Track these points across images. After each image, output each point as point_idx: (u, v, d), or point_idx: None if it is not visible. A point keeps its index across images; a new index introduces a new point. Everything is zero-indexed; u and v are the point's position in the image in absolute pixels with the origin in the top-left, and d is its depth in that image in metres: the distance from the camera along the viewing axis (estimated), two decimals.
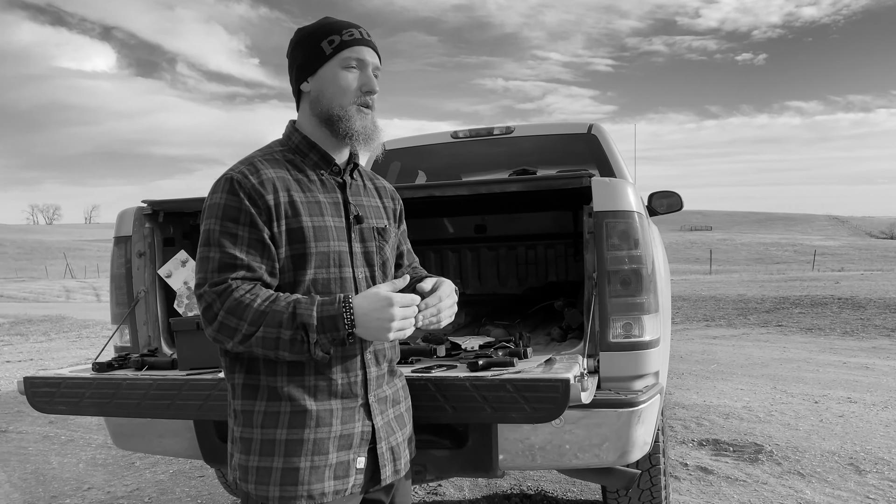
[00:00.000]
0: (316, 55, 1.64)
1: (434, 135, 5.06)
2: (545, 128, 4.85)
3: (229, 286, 1.50)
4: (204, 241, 1.55)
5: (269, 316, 1.47)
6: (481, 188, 2.60)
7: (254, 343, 1.48)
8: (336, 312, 1.49)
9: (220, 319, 1.49)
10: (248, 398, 1.59)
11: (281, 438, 1.56)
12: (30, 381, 2.34)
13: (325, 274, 1.61)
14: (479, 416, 1.98)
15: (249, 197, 1.54)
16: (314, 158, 1.68)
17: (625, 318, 2.43)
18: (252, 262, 1.53)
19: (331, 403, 1.60)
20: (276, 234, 1.56)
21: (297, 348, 1.48)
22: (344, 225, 1.67)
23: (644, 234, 2.47)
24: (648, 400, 2.36)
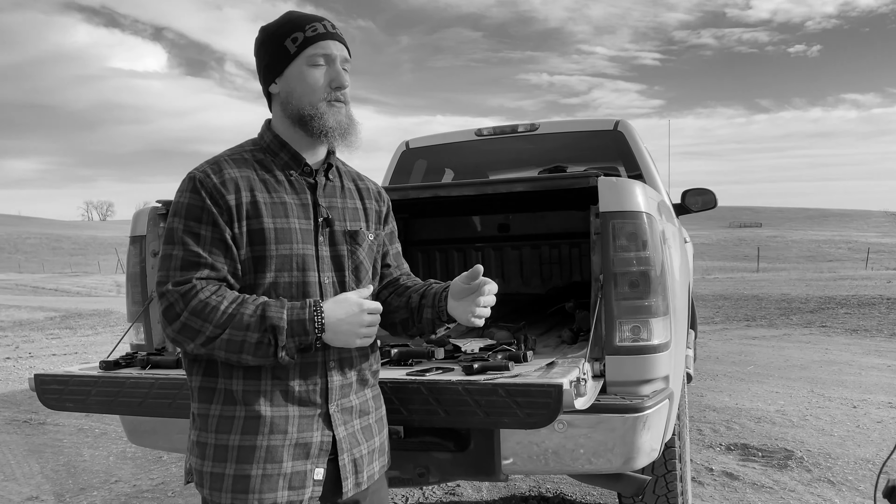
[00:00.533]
0: (281, 55, 1.61)
1: (459, 132, 5.03)
2: (571, 124, 4.78)
3: (194, 286, 1.47)
4: (167, 240, 1.53)
5: (237, 318, 1.45)
6: (487, 188, 2.56)
7: (217, 346, 1.46)
8: (306, 316, 1.48)
9: (182, 320, 1.46)
10: (205, 401, 1.57)
11: (234, 444, 1.53)
12: (40, 379, 2.39)
13: (286, 277, 1.57)
14: (471, 421, 1.95)
15: (211, 196, 1.52)
16: (284, 158, 1.65)
17: (632, 322, 2.37)
18: (216, 262, 1.51)
19: (287, 409, 1.56)
20: (237, 234, 1.54)
21: (263, 352, 1.46)
22: (311, 227, 1.62)
23: (653, 236, 2.40)
24: (655, 405, 2.30)
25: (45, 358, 9.30)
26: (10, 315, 16.13)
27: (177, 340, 1.50)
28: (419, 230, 4.78)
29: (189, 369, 1.61)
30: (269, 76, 1.64)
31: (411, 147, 5.02)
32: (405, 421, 2.01)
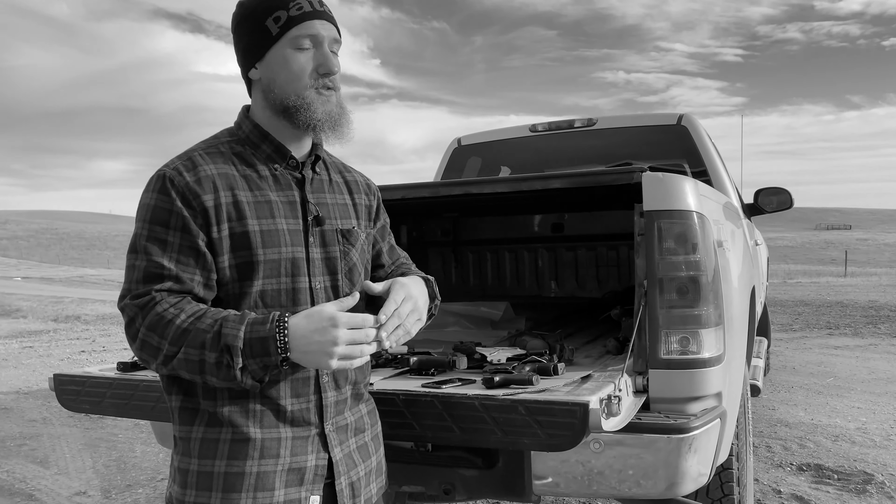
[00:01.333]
0: (261, 36, 1.43)
1: (513, 128, 4.85)
2: (631, 119, 4.54)
3: (152, 299, 1.32)
4: (131, 248, 1.38)
5: (192, 335, 1.28)
6: (522, 185, 2.38)
7: (176, 365, 1.30)
8: (267, 334, 1.27)
9: (141, 336, 1.31)
10: (186, 423, 1.41)
11: (219, 471, 1.37)
12: (58, 379, 2.34)
13: (274, 284, 1.41)
14: (488, 440, 1.77)
15: (183, 197, 1.35)
16: (267, 151, 1.48)
17: (679, 332, 2.14)
18: (181, 273, 1.35)
19: (279, 431, 1.40)
20: (217, 239, 1.37)
21: (224, 374, 1.29)
22: (301, 228, 1.46)
23: (705, 238, 2.17)
24: (704, 426, 2.07)
25: (117, 352, 9.55)
26: (95, 309, 16.78)
27: (142, 359, 1.35)
28: (469, 229, 4.61)
29: (168, 388, 1.44)
30: (248, 60, 1.47)
31: (463, 144, 4.87)
32: (418, 437, 1.85)
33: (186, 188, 1.36)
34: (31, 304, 16.90)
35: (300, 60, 1.42)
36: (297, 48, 1.42)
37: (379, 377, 2.08)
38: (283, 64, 1.42)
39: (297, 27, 1.41)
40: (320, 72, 1.43)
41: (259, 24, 1.43)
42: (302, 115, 1.42)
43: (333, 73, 1.44)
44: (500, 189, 2.37)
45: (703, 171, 4.12)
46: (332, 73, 1.44)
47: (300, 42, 1.42)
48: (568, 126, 4.60)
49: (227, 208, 1.38)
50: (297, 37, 1.41)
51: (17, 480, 4.22)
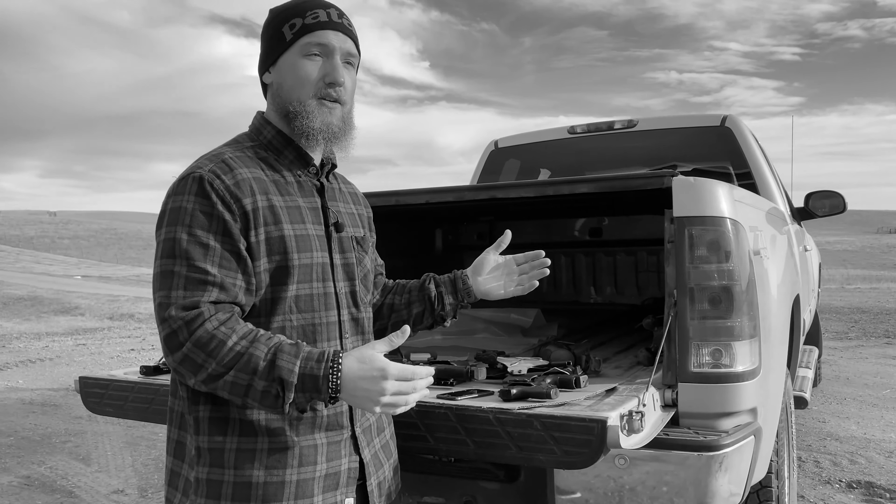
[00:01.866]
0: (277, 42, 1.46)
1: (551, 130, 4.77)
2: (673, 120, 4.42)
3: (201, 314, 1.28)
4: (167, 253, 1.32)
5: (244, 359, 1.25)
6: (548, 189, 2.31)
7: (220, 386, 1.28)
8: (320, 372, 1.26)
9: (184, 351, 1.27)
10: (217, 434, 1.38)
11: (258, 481, 1.35)
12: (84, 381, 2.37)
13: (308, 289, 1.42)
14: (502, 455, 1.71)
15: (223, 200, 1.33)
16: (290, 157, 1.49)
17: (711, 344, 2.05)
18: (226, 280, 1.32)
19: (315, 437, 1.40)
20: (255, 243, 1.36)
21: (270, 402, 1.27)
22: (324, 233, 1.48)
23: (739, 246, 2.07)
24: (736, 443, 1.97)
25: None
26: (148, 308, 17.19)
27: (178, 371, 1.32)
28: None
29: (193, 398, 1.40)
30: (264, 64, 1.50)
31: (500, 147, 4.80)
32: (431, 450, 1.80)
33: (227, 191, 1.34)
34: (88, 302, 17.38)
35: (307, 68, 1.43)
36: (307, 55, 1.43)
37: None
38: (291, 69, 1.44)
39: (309, 35, 1.43)
40: (326, 81, 1.43)
41: (277, 30, 1.46)
42: (299, 121, 1.43)
43: (339, 83, 1.44)
44: (525, 194, 2.30)
45: (747, 174, 3.98)
46: (337, 83, 1.43)
47: (310, 49, 1.43)
48: (608, 128, 4.50)
49: (264, 212, 1.38)
50: (308, 44, 1.43)
51: (59, 477, 4.31)
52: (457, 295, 1.67)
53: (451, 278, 1.71)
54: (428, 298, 1.67)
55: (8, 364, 8.61)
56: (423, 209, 3.17)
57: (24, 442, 5.07)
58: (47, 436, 5.21)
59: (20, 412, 6.01)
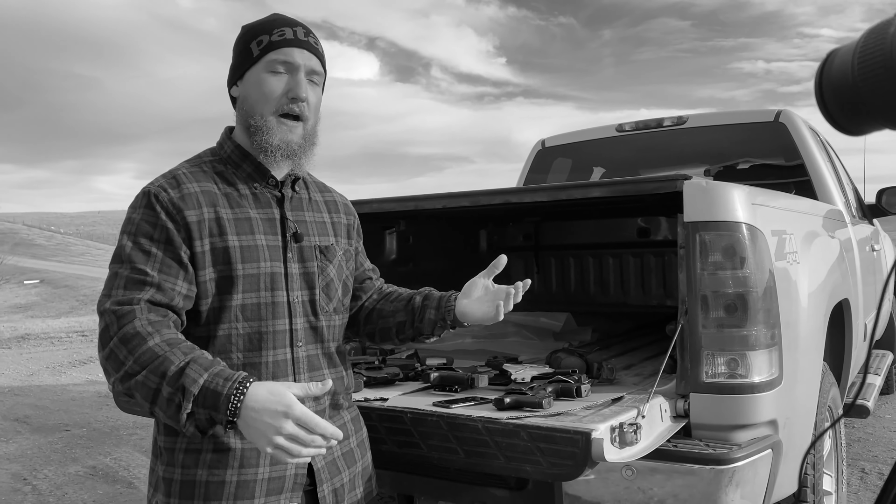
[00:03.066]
0: (245, 57, 1.50)
1: (600, 128, 4.68)
2: (724, 116, 4.26)
3: (133, 311, 1.32)
4: (115, 259, 1.42)
5: (159, 361, 1.26)
6: (561, 194, 2.27)
7: (133, 386, 1.28)
8: (223, 391, 1.24)
9: (111, 346, 1.30)
10: (171, 434, 1.45)
11: (201, 480, 1.41)
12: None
13: (254, 298, 1.45)
14: (490, 465, 1.70)
15: (167, 212, 1.41)
16: (247, 170, 1.52)
17: (724, 354, 1.98)
18: (164, 283, 1.37)
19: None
20: (199, 254, 1.42)
21: (172, 412, 1.25)
22: (280, 244, 1.50)
23: (756, 252, 1.99)
24: (749, 457, 1.90)
25: None
26: None
27: (105, 369, 1.33)
28: (551, 234, 4.49)
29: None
30: (232, 77, 1.55)
31: (548, 146, 4.74)
32: (423, 458, 1.80)
33: (171, 203, 1.41)
34: None
35: (271, 83, 1.47)
36: (271, 72, 1.47)
37: (398, 392, 2.06)
38: (255, 84, 1.48)
39: (274, 52, 1.47)
40: (289, 96, 1.47)
41: (245, 46, 1.51)
42: (259, 136, 1.47)
43: (301, 98, 1.47)
44: (539, 199, 2.27)
45: (802, 171, 3.80)
46: (299, 98, 1.47)
47: (274, 66, 1.47)
48: (657, 125, 4.38)
49: (210, 224, 1.43)
50: (273, 61, 1.47)
51: (122, 468, 4.53)
52: (438, 311, 1.63)
53: (440, 296, 1.69)
54: (411, 310, 1.67)
55: (91, 358, 9.10)
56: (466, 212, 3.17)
57: (95, 433, 5.36)
58: (116, 428, 5.48)
59: (95, 405, 6.34)
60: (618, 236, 4.39)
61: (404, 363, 2.31)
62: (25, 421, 5.82)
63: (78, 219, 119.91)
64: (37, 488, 4.17)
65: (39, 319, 15.19)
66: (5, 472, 4.47)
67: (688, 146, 4.50)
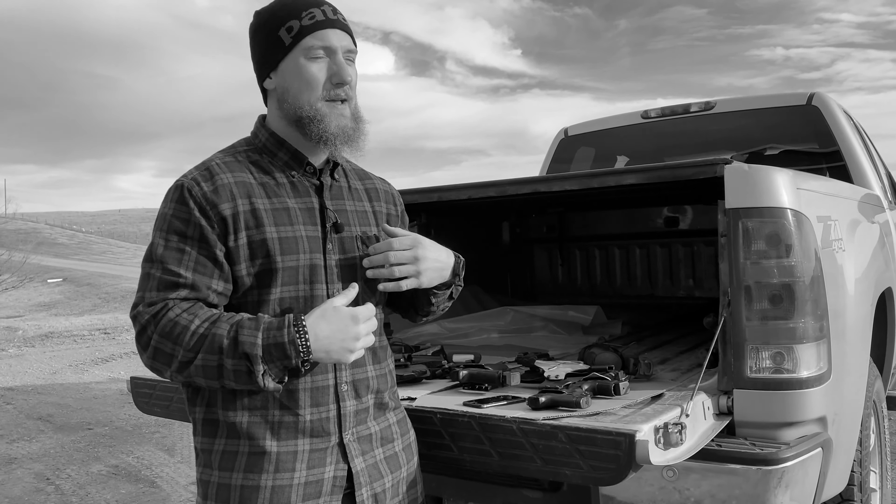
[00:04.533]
0: (275, 46, 1.42)
1: (624, 115, 4.56)
2: (754, 101, 4.13)
3: (165, 306, 1.32)
4: (146, 257, 1.38)
5: (209, 340, 1.28)
6: (593, 182, 2.17)
7: (193, 372, 1.30)
8: (285, 339, 1.28)
9: (153, 344, 1.31)
10: (208, 435, 1.42)
11: (237, 483, 1.37)
12: (134, 382, 2.43)
13: (292, 292, 1.40)
14: (527, 468, 1.61)
15: (200, 207, 1.36)
16: (284, 158, 1.46)
17: (770, 348, 1.88)
18: (197, 281, 1.35)
19: (296, 444, 1.38)
20: (234, 248, 1.37)
21: (244, 379, 1.29)
22: (319, 234, 1.44)
23: (803, 239, 1.88)
24: (798, 457, 1.80)
25: None
26: None
27: (154, 368, 1.35)
28: (577, 224, 4.38)
29: (191, 399, 1.46)
30: (263, 70, 1.47)
31: (570, 135, 4.63)
32: (456, 460, 1.71)
33: (204, 198, 1.36)
34: None
35: (312, 70, 1.40)
36: (310, 58, 1.41)
37: (426, 391, 1.97)
38: (295, 74, 1.41)
39: (309, 37, 1.40)
40: (333, 81, 1.41)
41: (273, 35, 1.43)
42: (314, 127, 1.40)
43: (346, 82, 1.41)
44: (568, 187, 2.17)
45: (837, 155, 3.67)
46: (344, 82, 1.41)
47: (313, 52, 1.40)
48: (684, 111, 4.25)
49: (245, 216, 1.38)
50: (310, 47, 1.40)
51: (144, 467, 4.50)
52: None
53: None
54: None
55: (114, 356, 9.13)
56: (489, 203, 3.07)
57: (118, 432, 5.34)
58: (138, 426, 5.46)
59: (117, 403, 6.34)
60: (645, 226, 4.28)
61: (431, 360, 2.23)
62: (48, 420, 5.82)
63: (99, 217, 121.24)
64: (60, 488, 4.15)
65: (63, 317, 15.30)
66: (28, 472, 4.45)
67: (715, 132, 4.36)
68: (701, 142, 4.55)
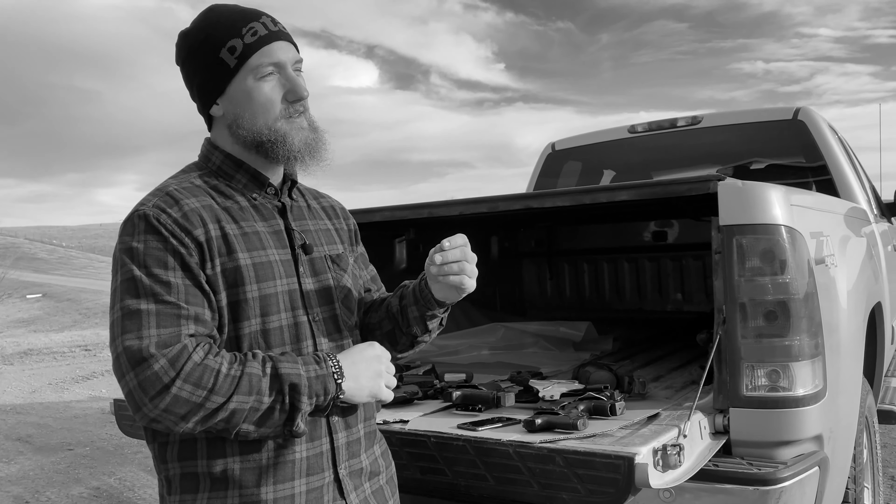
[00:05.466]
0: (218, 70, 1.30)
1: (611, 130, 4.56)
2: (741, 115, 4.15)
3: (185, 347, 1.15)
4: (129, 293, 1.19)
5: (244, 380, 1.15)
6: (585, 198, 2.15)
7: (225, 418, 1.16)
8: (325, 371, 1.23)
9: (174, 392, 1.12)
10: (188, 492, 1.26)
11: None
12: (118, 404, 2.36)
13: (276, 322, 1.29)
14: (523, 493, 1.57)
15: (174, 234, 1.22)
16: (243, 180, 1.36)
17: (766, 366, 1.86)
18: (199, 313, 1.20)
19: (293, 486, 1.27)
20: (213, 276, 1.24)
21: (272, 420, 1.18)
22: (290, 257, 1.34)
23: (797, 255, 1.87)
24: (796, 476, 1.78)
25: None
26: None
27: (159, 419, 1.15)
28: (565, 239, 4.37)
29: (160, 455, 1.29)
30: (208, 97, 1.35)
31: (558, 149, 4.63)
32: (450, 485, 1.68)
33: (176, 224, 1.23)
34: None
35: (265, 91, 1.30)
36: (260, 78, 1.30)
37: (418, 413, 1.93)
38: (246, 98, 1.30)
39: (255, 55, 1.29)
40: (289, 98, 1.31)
41: (213, 57, 1.31)
42: (279, 149, 1.30)
43: (303, 97, 1.32)
44: (560, 203, 2.15)
45: (823, 169, 3.68)
46: (301, 97, 1.32)
47: (261, 70, 1.30)
48: (670, 126, 4.26)
49: (217, 242, 1.26)
50: (258, 65, 1.30)
51: (126, 488, 4.40)
52: (419, 306, 1.43)
53: (413, 287, 1.46)
54: (393, 316, 1.48)
55: (95, 373, 8.98)
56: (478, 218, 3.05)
57: (99, 452, 5.23)
58: (120, 446, 5.35)
59: (99, 422, 6.22)
60: (633, 240, 4.28)
61: (422, 380, 2.18)
62: (28, 440, 5.70)
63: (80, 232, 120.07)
64: None
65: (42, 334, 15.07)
66: (7, 496, 4.34)
67: (701, 147, 4.37)
68: (687, 156, 4.56)
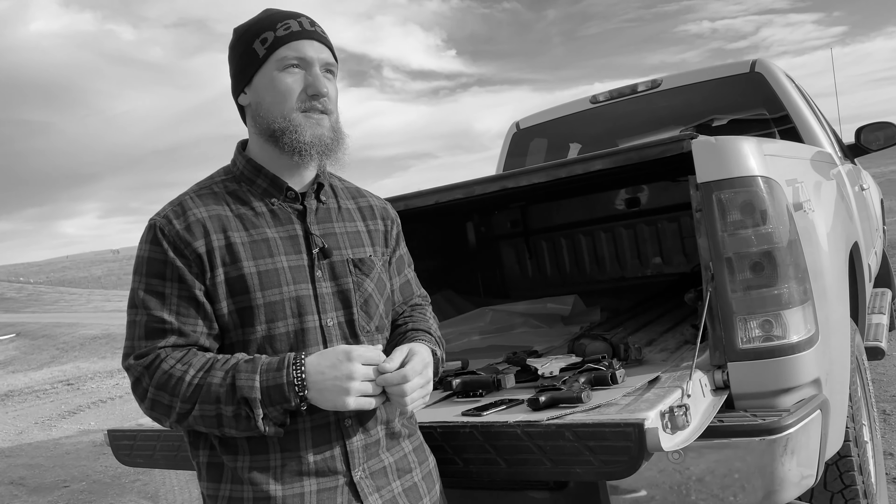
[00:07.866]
0: (248, 60, 1.36)
1: (573, 103, 4.56)
2: (699, 74, 4.17)
3: (157, 357, 1.28)
4: (130, 303, 1.34)
5: (205, 390, 1.24)
6: (561, 171, 2.14)
7: (192, 422, 1.27)
8: (283, 380, 1.22)
9: (150, 396, 1.27)
10: (213, 480, 1.36)
11: None
12: (112, 434, 2.32)
13: (281, 328, 1.32)
14: (536, 472, 1.57)
15: (174, 246, 1.31)
16: (262, 185, 1.39)
17: (758, 316, 1.87)
18: (183, 326, 1.30)
19: (302, 485, 1.31)
20: (212, 286, 1.31)
21: (244, 425, 1.24)
22: (305, 262, 1.36)
23: (776, 204, 1.88)
24: (801, 421, 1.80)
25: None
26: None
27: (154, 418, 1.32)
28: (540, 216, 4.37)
29: (193, 442, 1.40)
30: (238, 85, 1.41)
31: (522, 128, 4.62)
32: (462, 473, 1.66)
33: (177, 236, 1.31)
34: None
35: (286, 81, 1.34)
36: (284, 69, 1.34)
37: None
38: (269, 86, 1.35)
39: (283, 48, 1.34)
40: (309, 93, 1.34)
41: (247, 48, 1.37)
42: (287, 137, 1.33)
43: (322, 94, 1.34)
44: (536, 180, 2.14)
45: (785, 118, 3.72)
46: (320, 94, 1.34)
47: (286, 63, 1.34)
48: (631, 91, 4.27)
49: (221, 252, 1.32)
50: (284, 57, 1.34)
51: None
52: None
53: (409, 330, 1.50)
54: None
55: (81, 407, 8.82)
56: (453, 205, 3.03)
57: (96, 486, 5.14)
58: (117, 476, 5.27)
59: (91, 455, 6.11)
60: (607, 210, 4.29)
61: None
62: (21, 483, 5.58)
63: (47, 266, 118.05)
64: None
65: (21, 374, 14.78)
66: None
67: (664, 109, 4.40)
68: (650, 120, 4.58)
